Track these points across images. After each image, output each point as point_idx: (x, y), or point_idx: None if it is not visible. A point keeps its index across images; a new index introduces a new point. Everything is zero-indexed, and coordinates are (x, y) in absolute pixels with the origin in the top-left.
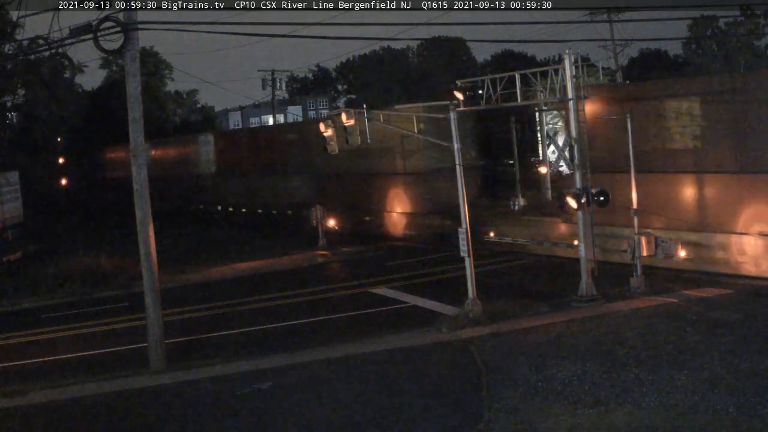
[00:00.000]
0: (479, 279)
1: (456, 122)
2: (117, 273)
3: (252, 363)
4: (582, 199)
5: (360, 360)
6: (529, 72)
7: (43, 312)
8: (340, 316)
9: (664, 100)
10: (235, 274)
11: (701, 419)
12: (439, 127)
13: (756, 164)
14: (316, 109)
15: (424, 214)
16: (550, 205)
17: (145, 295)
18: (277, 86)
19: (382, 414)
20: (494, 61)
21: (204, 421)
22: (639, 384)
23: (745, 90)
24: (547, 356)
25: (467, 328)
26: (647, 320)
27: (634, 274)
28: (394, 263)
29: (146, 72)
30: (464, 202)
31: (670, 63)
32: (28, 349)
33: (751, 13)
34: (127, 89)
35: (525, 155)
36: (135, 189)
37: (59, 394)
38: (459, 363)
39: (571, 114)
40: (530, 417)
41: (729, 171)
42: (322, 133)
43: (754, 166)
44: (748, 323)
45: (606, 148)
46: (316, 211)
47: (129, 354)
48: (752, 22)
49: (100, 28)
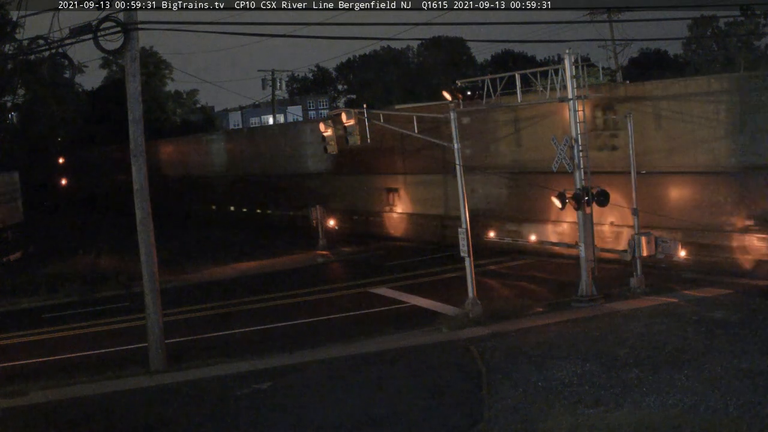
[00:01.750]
0: (479, 279)
1: (456, 122)
2: (117, 273)
3: (251, 363)
4: (582, 199)
5: (360, 360)
6: (529, 72)
7: (43, 312)
8: (340, 316)
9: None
10: (236, 274)
11: (701, 419)
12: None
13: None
14: (316, 109)
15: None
16: None
17: (145, 295)
18: (277, 86)
19: (382, 414)
20: (494, 61)
21: (203, 421)
22: (639, 384)
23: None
24: (547, 356)
25: (467, 328)
26: (647, 320)
27: (634, 274)
28: (394, 263)
29: (146, 72)
30: (464, 201)
31: (670, 63)
32: (28, 349)
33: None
34: (127, 89)
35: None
36: (135, 189)
37: (59, 394)
38: (459, 363)
39: (571, 114)
40: (530, 417)
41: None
42: (322, 133)
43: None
44: (748, 323)
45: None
46: (316, 211)
47: (129, 354)
48: (752, 22)
49: (100, 28)
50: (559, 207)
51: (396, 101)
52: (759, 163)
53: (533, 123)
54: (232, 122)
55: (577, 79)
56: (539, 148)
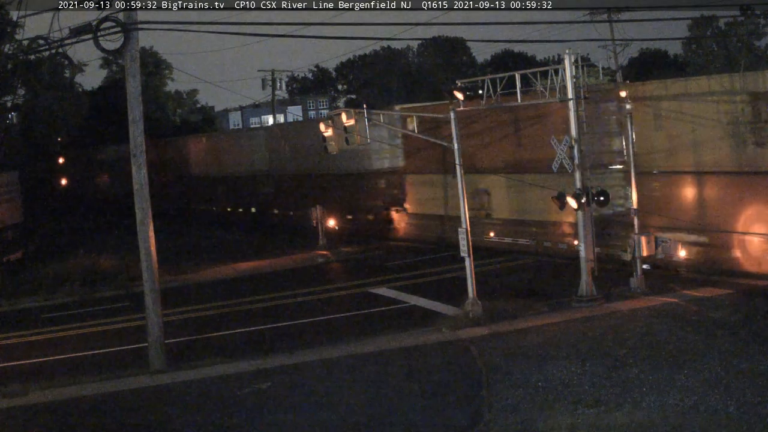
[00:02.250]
0: (479, 279)
1: (456, 122)
2: (117, 273)
3: (252, 363)
4: (582, 199)
5: (360, 360)
6: (529, 72)
7: (43, 312)
8: (340, 316)
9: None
10: (236, 274)
11: (701, 419)
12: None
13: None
14: (316, 109)
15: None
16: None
17: (145, 295)
18: (277, 86)
19: (382, 414)
20: (494, 61)
21: (204, 421)
22: (639, 384)
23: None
24: (547, 356)
25: (467, 328)
26: (647, 320)
27: (634, 274)
28: (394, 263)
29: (146, 72)
30: (464, 201)
31: (670, 63)
32: (28, 349)
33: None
34: (127, 89)
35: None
36: (135, 188)
37: (59, 394)
38: (459, 363)
39: (571, 114)
40: (530, 417)
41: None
42: (322, 133)
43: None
44: (748, 323)
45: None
46: (316, 211)
47: (129, 354)
48: (752, 22)
49: (100, 28)
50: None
51: (396, 101)
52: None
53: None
54: (232, 122)
55: (576, 79)
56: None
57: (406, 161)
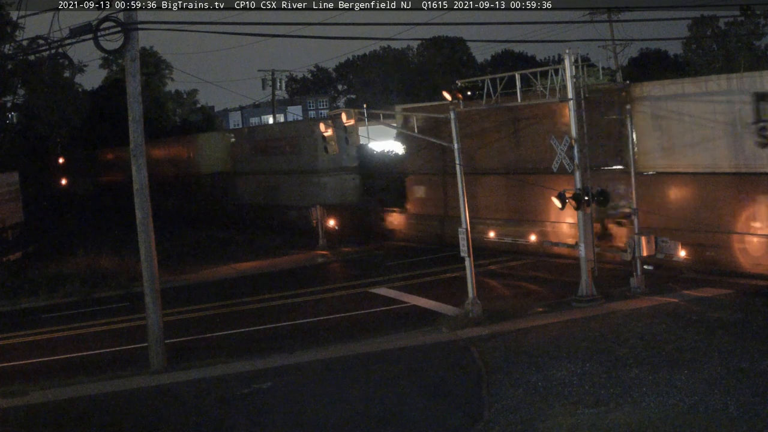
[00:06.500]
0: (479, 279)
1: (456, 122)
2: (117, 273)
3: (252, 363)
4: (582, 199)
5: (360, 360)
6: (529, 72)
7: (43, 312)
8: (340, 316)
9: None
10: (236, 274)
11: (701, 419)
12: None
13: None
14: (316, 109)
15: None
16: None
17: (145, 295)
18: (277, 86)
19: (382, 414)
20: (494, 61)
21: (204, 421)
22: (639, 384)
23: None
24: (547, 356)
25: (467, 328)
26: (647, 320)
27: (634, 274)
28: (394, 263)
29: (146, 72)
30: (464, 201)
31: (670, 63)
32: (28, 349)
33: (751, 13)
34: (127, 89)
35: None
36: (135, 189)
37: (59, 394)
38: (459, 363)
39: (571, 114)
40: (530, 417)
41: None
42: (323, 133)
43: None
44: (748, 323)
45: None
46: (316, 211)
47: (129, 354)
48: (752, 22)
49: (100, 28)
50: (560, 207)
51: (396, 101)
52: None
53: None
54: (232, 122)
55: (576, 79)
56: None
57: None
